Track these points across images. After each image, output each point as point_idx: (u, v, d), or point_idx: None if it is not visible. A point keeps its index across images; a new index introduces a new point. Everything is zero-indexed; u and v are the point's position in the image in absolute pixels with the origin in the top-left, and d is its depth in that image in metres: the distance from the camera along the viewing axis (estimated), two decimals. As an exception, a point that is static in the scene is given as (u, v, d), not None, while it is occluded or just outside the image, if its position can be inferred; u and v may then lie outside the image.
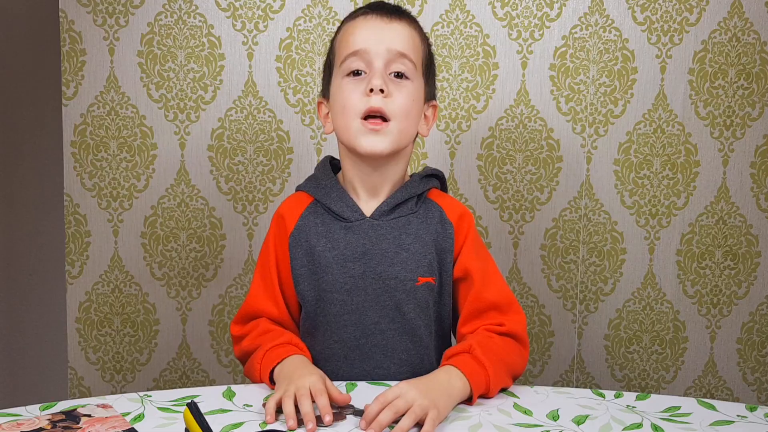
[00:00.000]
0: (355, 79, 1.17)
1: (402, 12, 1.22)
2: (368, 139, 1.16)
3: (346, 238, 1.19)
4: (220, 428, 0.98)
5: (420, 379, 1.06)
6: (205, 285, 1.75)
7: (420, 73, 1.20)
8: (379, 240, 1.19)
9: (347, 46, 1.18)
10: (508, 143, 1.72)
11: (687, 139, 1.73)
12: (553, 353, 1.78)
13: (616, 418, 1.04)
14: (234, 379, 1.77)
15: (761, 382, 1.82)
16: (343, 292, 1.18)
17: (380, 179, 1.21)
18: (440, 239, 1.21)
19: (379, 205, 1.20)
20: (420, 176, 1.25)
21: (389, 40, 1.17)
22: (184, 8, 1.67)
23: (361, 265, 1.18)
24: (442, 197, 1.25)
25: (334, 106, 1.20)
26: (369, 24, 1.19)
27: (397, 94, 1.16)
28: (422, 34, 1.23)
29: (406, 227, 1.20)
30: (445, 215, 1.22)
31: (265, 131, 1.71)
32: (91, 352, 1.76)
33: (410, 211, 1.21)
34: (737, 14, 1.70)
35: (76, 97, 1.69)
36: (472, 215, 1.24)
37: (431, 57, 1.26)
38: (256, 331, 1.21)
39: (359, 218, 1.20)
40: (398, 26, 1.19)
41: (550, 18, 1.69)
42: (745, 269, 1.78)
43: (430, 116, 1.25)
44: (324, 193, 1.22)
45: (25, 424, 0.97)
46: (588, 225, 1.75)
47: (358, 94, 1.16)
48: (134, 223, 1.73)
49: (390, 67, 1.17)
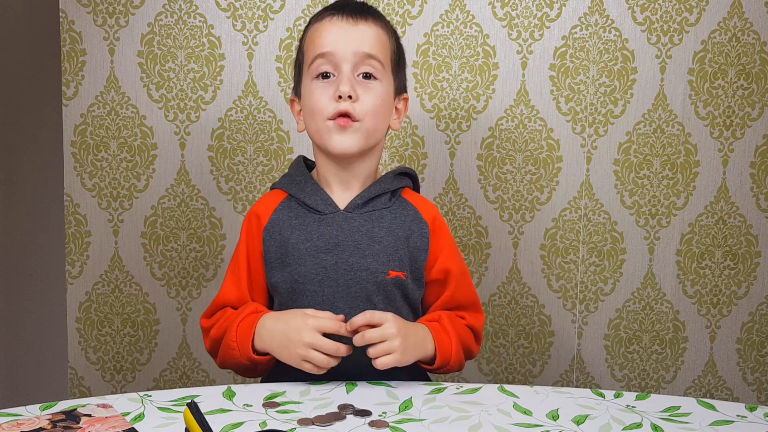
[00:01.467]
0: (324, 82, 1.20)
1: (367, 10, 1.23)
2: (338, 138, 1.19)
3: (320, 229, 1.22)
4: (220, 428, 0.98)
5: (406, 324, 1.16)
6: (205, 285, 1.75)
7: (389, 71, 1.23)
8: (352, 232, 1.21)
9: (314, 49, 1.20)
10: (508, 143, 1.72)
11: (687, 139, 1.73)
12: (553, 353, 1.78)
13: (615, 418, 1.04)
14: (234, 379, 1.77)
15: (761, 382, 1.82)
16: (315, 283, 1.20)
17: (352, 175, 1.24)
18: (414, 237, 1.24)
19: (353, 198, 1.24)
20: (394, 173, 1.28)
21: (356, 43, 1.19)
22: (184, 8, 1.67)
23: (334, 256, 1.20)
24: (416, 197, 1.29)
25: (305, 109, 1.23)
26: (335, 26, 1.20)
27: (366, 96, 1.19)
28: (389, 29, 1.25)
29: (379, 221, 1.23)
30: (420, 215, 1.25)
31: (265, 131, 1.71)
32: (91, 352, 1.76)
33: (383, 205, 1.24)
34: (737, 14, 1.70)
35: (76, 97, 1.69)
36: (443, 217, 1.29)
37: (400, 50, 1.28)
38: (222, 319, 1.24)
39: (333, 211, 1.23)
40: (364, 27, 1.20)
41: (550, 18, 1.69)
42: (745, 269, 1.78)
43: (402, 109, 1.29)
44: (298, 188, 1.25)
45: (25, 424, 0.97)
46: (588, 225, 1.75)
47: (327, 98, 1.19)
48: (134, 223, 1.73)
49: (358, 68, 1.20)
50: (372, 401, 1.08)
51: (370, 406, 1.06)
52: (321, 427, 0.99)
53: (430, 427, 1.01)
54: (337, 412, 1.03)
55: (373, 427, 0.99)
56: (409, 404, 1.07)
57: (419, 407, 1.06)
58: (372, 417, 1.03)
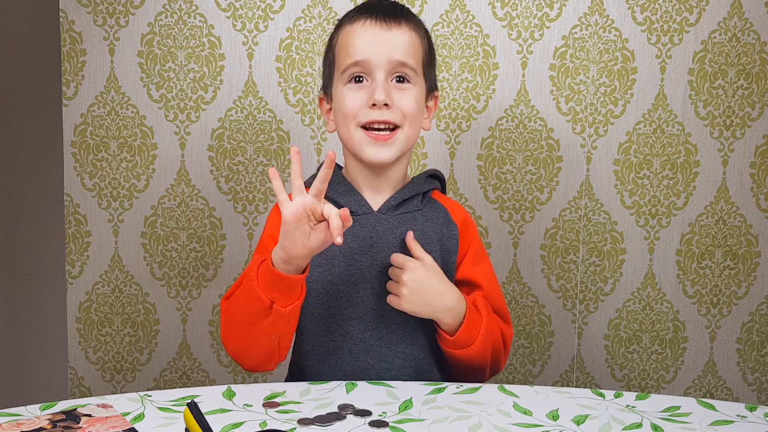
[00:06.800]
0: (357, 86, 1.18)
1: (400, 13, 1.21)
2: (373, 149, 1.18)
3: (354, 231, 1.20)
4: (220, 428, 0.98)
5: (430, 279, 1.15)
6: (205, 285, 1.75)
7: (421, 74, 1.21)
8: (386, 233, 1.20)
9: (347, 55, 1.18)
10: (508, 143, 1.72)
11: (687, 139, 1.73)
12: (553, 353, 1.78)
13: (615, 417, 1.04)
14: (234, 379, 1.77)
15: (761, 382, 1.82)
16: (349, 284, 1.19)
17: (384, 180, 1.23)
18: (444, 239, 1.23)
19: (387, 200, 1.22)
20: (425, 175, 1.27)
21: (390, 50, 1.17)
22: (184, 8, 1.67)
23: (368, 258, 1.19)
24: (445, 199, 1.28)
25: (337, 113, 1.21)
26: (368, 32, 1.18)
27: (401, 100, 1.18)
28: (421, 31, 1.23)
29: (412, 223, 1.22)
30: (450, 216, 1.25)
31: (265, 131, 1.71)
32: (91, 351, 1.76)
33: (416, 208, 1.23)
34: (737, 14, 1.70)
35: (77, 97, 1.69)
36: (473, 220, 1.27)
37: (432, 49, 1.26)
38: None
39: (367, 212, 1.22)
40: (398, 33, 1.18)
41: (550, 18, 1.69)
42: (745, 269, 1.78)
43: (432, 107, 1.27)
44: (331, 187, 1.23)
45: (25, 424, 0.97)
46: (588, 225, 1.75)
47: (361, 103, 1.17)
48: (134, 223, 1.73)
49: (391, 75, 1.18)
50: (372, 401, 1.08)
51: (370, 406, 1.06)
52: (321, 427, 0.99)
53: (430, 427, 1.01)
54: (337, 412, 1.03)
55: (373, 427, 0.99)
56: (409, 404, 1.07)
57: (419, 407, 1.06)
58: (372, 417, 1.03)
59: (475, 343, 1.17)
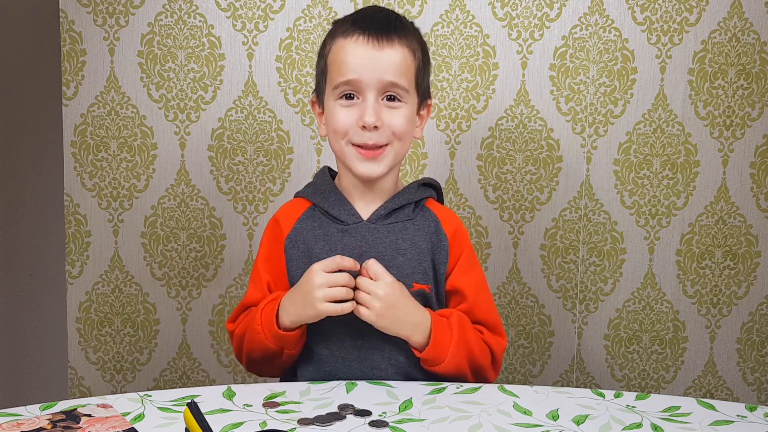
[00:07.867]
0: (348, 103, 1.19)
1: (393, 29, 1.19)
2: (363, 165, 1.19)
3: (343, 240, 1.21)
4: (220, 428, 0.98)
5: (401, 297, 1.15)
6: (205, 285, 1.75)
7: (413, 91, 1.21)
8: (376, 243, 1.20)
9: (339, 72, 1.18)
10: (508, 143, 1.72)
11: (687, 139, 1.73)
12: (553, 353, 1.78)
13: (615, 417, 1.04)
14: (234, 379, 1.77)
15: (761, 382, 1.82)
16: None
17: (374, 190, 1.24)
18: (435, 249, 1.23)
19: (377, 209, 1.23)
20: (417, 184, 1.27)
21: (381, 71, 1.17)
22: (184, 8, 1.67)
23: None
24: (439, 208, 1.28)
25: (328, 125, 1.22)
26: (360, 50, 1.17)
27: (391, 119, 1.18)
28: (414, 45, 1.21)
29: (403, 232, 1.22)
30: (441, 227, 1.24)
31: (265, 131, 1.71)
32: (91, 351, 1.76)
33: (407, 217, 1.23)
34: (737, 14, 1.70)
35: (77, 97, 1.69)
36: (466, 229, 1.27)
37: (426, 57, 1.25)
38: (247, 317, 1.23)
39: (356, 221, 1.22)
40: (390, 53, 1.17)
41: (550, 18, 1.69)
42: (745, 269, 1.78)
43: (425, 115, 1.27)
44: (322, 197, 1.24)
45: (25, 424, 0.97)
46: (588, 225, 1.75)
47: (351, 122, 1.18)
48: (134, 223, 1.73)
49: (382, 93, 1.18)
50: (372, 401, 1.08)
51: (370, 406, 1.06)
52: (321, 427, 0.99)
53: (430, 427, 1.01)
54: (337, 412, 1.03)
55: (373, 427, 0.99)
56: (409, 404, 1.07)
57: (419, 407, 1.06)
58: (372, 417, 1.03)
59: (444, 361, 1.16)
